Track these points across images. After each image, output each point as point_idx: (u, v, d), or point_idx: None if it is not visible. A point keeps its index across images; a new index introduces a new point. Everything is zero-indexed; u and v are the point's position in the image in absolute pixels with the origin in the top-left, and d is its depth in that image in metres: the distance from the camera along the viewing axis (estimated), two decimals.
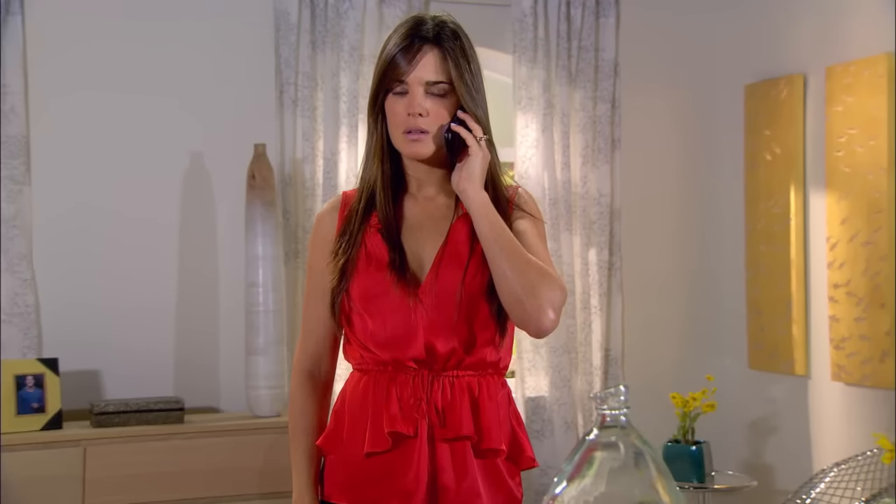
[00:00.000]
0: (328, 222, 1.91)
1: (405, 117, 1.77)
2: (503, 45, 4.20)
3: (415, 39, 1.78)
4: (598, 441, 1.12)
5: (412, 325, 1.80)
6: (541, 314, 1.70)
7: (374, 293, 1.81)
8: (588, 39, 4.25)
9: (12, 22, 3.58)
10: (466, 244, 1.84)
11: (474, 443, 1.81)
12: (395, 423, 1.79)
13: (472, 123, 1.79)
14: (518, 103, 4.16)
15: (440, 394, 1.79)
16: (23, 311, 3.54)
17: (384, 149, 1.83)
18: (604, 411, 1.13)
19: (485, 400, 1.82)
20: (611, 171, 4.27)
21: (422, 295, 1.80)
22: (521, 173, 4.15)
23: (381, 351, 1.82)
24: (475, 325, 1.81)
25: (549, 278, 1.72)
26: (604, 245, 4.24)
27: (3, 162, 3.55)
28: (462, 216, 1.85)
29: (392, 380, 1.81)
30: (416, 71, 1.77)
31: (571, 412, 4.13)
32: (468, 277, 1.80)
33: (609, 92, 4.27)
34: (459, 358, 1.81)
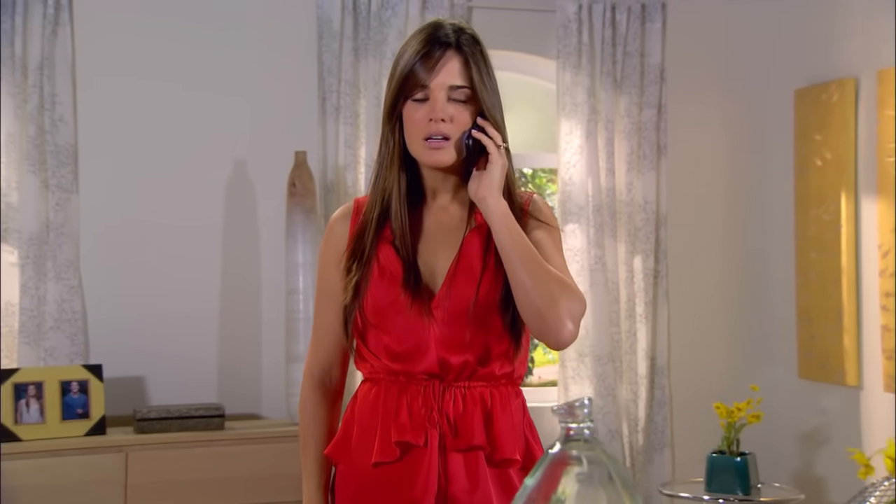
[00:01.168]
0: (340, 230, 1.86)
1: (426, 123, 1.71)
2: (547, 51, 4.14)
3: (436, 45, 1.73)
4: (561, 455, 1.08)
5: (424, 339, 1.75)
6: (560, 326, 1.65)
7: (387, 308, 1.76)
8: (633, 45, 4.17)
9: (62, 33, 3.61)
10: (479, 257, 1.78)
11: (487, 453, 1.75)
12: (404, 432, 1.73)
13: (492, 130, 1.73)
14: (562, 109, 4.10)
15: (452, 404, 1.75)
16: (70, 317, 3.55)
17: (401, 157, 1.77)
18: (567, 425, 1.08)
19: (497, 410, 1.76)
20: (657, 178, 4.18)
21: (435, 310, 1.75)
22: (565, 180, 4.08)
23: (393, 363, 1.78)
24: (489, 338, 1.76)
25: (570, 290, 1.67)
26: (649, 252, 4.15)
27: (52, 170, 3.57)
28: (475, 228, 1.79)
29: (403, 390, 1.76)
30: (440, 76, 1.71)
31: (616, 421, 4.05)
32: (481, 292, 1.75)
33: (655, 97, 4.19)
34: (472, 370, 1.76)
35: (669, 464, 4.21)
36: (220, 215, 3.75)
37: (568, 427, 1.08)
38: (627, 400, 4.12)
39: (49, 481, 3.15)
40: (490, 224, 1.72)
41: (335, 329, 1.85)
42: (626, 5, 4.13)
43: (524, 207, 1.82)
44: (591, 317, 4.03)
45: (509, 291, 1.73)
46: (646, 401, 4.15)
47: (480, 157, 1.74)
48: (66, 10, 3.61)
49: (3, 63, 3.52)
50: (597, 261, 4.04)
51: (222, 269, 3.75)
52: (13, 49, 3.53)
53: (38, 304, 3.53)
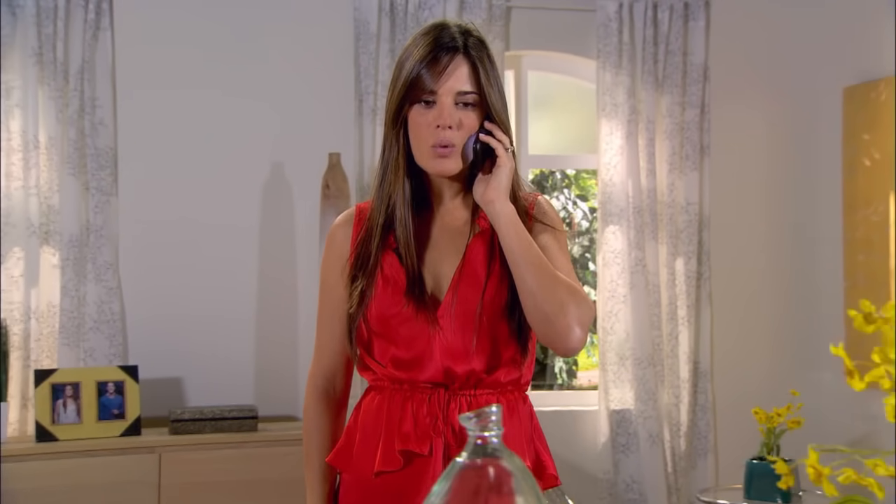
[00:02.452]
0: (342, 237, 1.79)
1: (433, 130, 1.64)
2: (587, 51, 4.04)
3: (443, 49, 1.65)
4: (470, 464, 1.03)
5: (429, 348, 1.69)
6: (569, 333, 1.59)
7: (392, 318, 1.69)
8: (676, 43, 4.06)
9: (102, 38, 3.61)
10: (484, 263, 1.71)
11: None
12: (408, 441, 1.67)
13: (500, 133, 1.67)
14: (602, 110, 4.00)
15: (457, 413, 1.68)
16: (109, 319, 3.55)
17: (406, 162, 1.68)
18: (474, 433, 1.04)
19: (504, 418, 1.70)
20: (699, 179, 4.07)
21: (440, 318, 1.69)
22: (605, 181, 3.98)
23: (398, 371, 1.71)
24: (495, 346, 1.70)
25: (579, 296, 1.61)
26: (692, 254, 4.03)
27: (92, 173, 3.57)
28: (479, 233, 1.73)
29: (408, 398, 1.70)
30: (448, 82, 1.64)
31: (657, 426, 3.94)
32: (487, 299, 1.69)
33: (698, 97, 4.07)
34: (478, 378, 1.71)
35: (713, 470, 4.09)
36: (256, 217, 3.72)
37: (474, 436, 1.04)
38: (669, 404, 4.01)
39: (84, 481, 3.14)
40: (497, 228, 1.65)
41: (339, 338, 1.79)
42: (668, 4, 4.02)
43: (529, 211, 1.75)
44: (632, 320, 3.93)
45: (515, 297, 1.67)
46: (688, 405, 4.04)
47: (486, 160, 1.67)
48: (106, 15, 3.61)
49: (45, 67, 3.53)
50: (637, 263, 3.93)
51: (259, 271, 3.72)
52: (55, 53, 3.54)
53: (77, 306, 3.53)
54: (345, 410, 1.88)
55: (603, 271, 4.01)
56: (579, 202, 6.14)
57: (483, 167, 1.67)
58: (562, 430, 4.00)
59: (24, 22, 3.53)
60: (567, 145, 4.53)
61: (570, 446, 3.96)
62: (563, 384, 6.06)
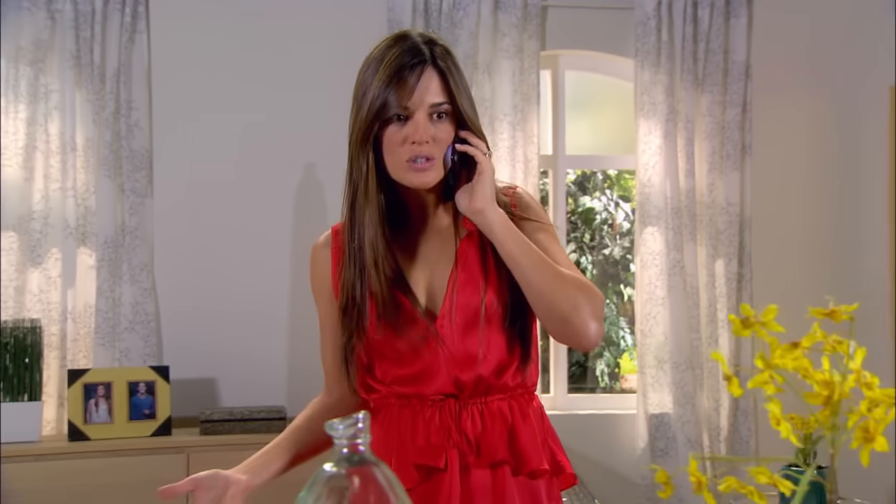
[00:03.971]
0: (322, 259, 1.71)
1: (409, 146, 1.55)
2: (625, 50, 3.93)
3: (411, 62, 1.56)
4: (335, 473, 0.99)
5: (435, 361, 1.61)
6: (587, 329, 1.53)
7: (390, 338, 1.61)
8: (716, 41, 3.92)
9: (138, 40, 3.60)
10: (479, 267, 1.64)
11: (513, 467, 1.61)
12: (423, 456, 1.60)
13: (475, 140, 1.59)
14: (640, 109, 3.88)
15: (470, 422, 1.61)
16: (143, 319, 3.53)
17: (378, 181, 1.59)
18: (340, 441, 0.99)
19: (518, 421, 1.63)
20: (740, 179, 3.92)
21: (440, 329, 1.61)
22: (644, 181, 3.87)
23: (404, 387, 1.63)
24: (500, 350, 1.63)
25: (589, 289, 1.55)
26: (732, 256, 3.89)
27: (127, 175, 3.56)
28: (466, 237, 1.65)
29: (417, 412, 1.63)
30: (419, 95, 1.55)
31: (696, 431, 3.81)
32: (487, 302, 1.61)
33: (739, 96, 3.93)
34: (487, 385, 1.62)
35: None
36: (289, 217, 3.68)
37: (341, 444, 0.99)
38: (709, 409, 3.88)
39: (114, 480, 3.11)
40: (492, 236, 1.57)
41: (338, 359, 1.70)
42: (708, 1, 3.89)
43: (512, 208, 1.66)
44: (670, 322, 3.81)
45: (514, 298, 1.61)
46: (728, 410, 3.90)
47: (463, 168, 1.60)
48: (142, 18, 3.59)
49: (82, 71, 3.53)
50: (675, 264, 3.81)
51: (292, 272, 3.67)
52: (92, 57, 3.53)
53: (113, 306, 3.51)
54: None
55: (641, 273, 3.89)
56: (621, 203, 6.01)
57: (462, 176, 1.60)
58: (601, 434, 3.90)
59: (62, 26, 3.52)
60: (605, 145, 4.42)
61: (609, 450, 3.86)
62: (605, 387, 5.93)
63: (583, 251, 5.93)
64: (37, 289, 3.48)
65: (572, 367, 5.68)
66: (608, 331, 5.80)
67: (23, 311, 3.45)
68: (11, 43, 3.49)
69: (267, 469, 1.63)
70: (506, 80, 3.77)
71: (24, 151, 3.49)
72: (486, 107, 3.76)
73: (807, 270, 4.00)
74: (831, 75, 4.02)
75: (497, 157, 3.76)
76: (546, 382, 4.05)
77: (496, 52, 3.79)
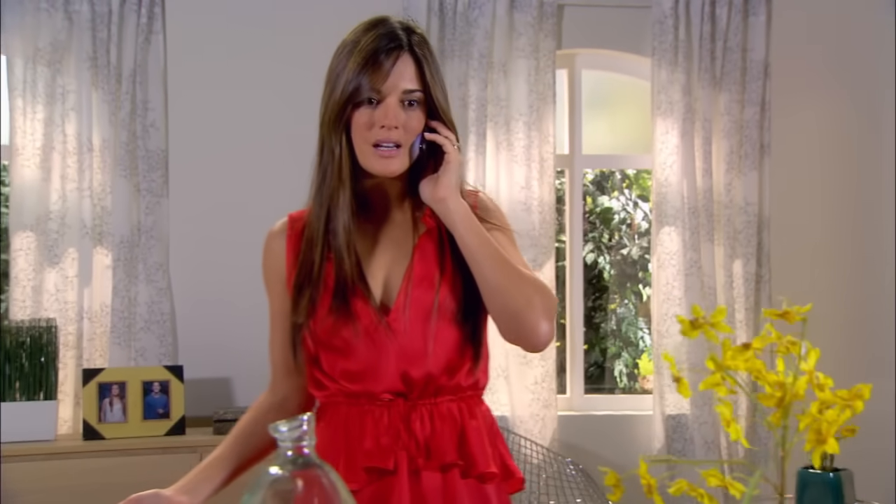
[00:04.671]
0: (277, 247, 1.67)
1: (377, 130, 1.54)
2: (641, 48, 3.89)
3: (388, 46, 1.55)
4: (279, 476, 0.97)
5: (384, 355, 1.57)
6: (538, 328, 1.51)
7: (339, 327, 1.57)
8: (734, 39, 3.87)
9: (155, 41, 3.60)
10: (435, 262, 1.61)
11: (462, 469, 1.58)
12: (371, 458, 1.56)
13: (445, 130, 1.58)
14: (657, 108, 3.84)
15: (419, 424, 1.58)
16: (159, 319, 3.53)
17: (350, 166, 1.57)
18: (284, 444, 0.97)
19: (468, 424, 1.60)
20: (759, 178, 3.87)
21: (392, 322, 1.57)
22: (660, 181, 3.82)
23: (352, 384, 1.59)
24: (451, 348, 1.59)
25: (544, 288, 1.53)
26: (750, 256, 3.84)
27: (143, 175, 3.56)
28: (426, 232, 1.62)
29: (365, 412, 1.59)
30: (393, 80, 1.54)
31: (713, 432, 3.77)
32: (441, 299, 1.58)
33: (758, 94, 3.88)
34: (437, 385, 1.59)
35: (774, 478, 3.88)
36: None
37: (284, 447, 0.97)
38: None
39: (128, 479, 3.10)
40: (452, 226, 1.55)
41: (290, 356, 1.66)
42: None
43: (473, 209, 1.62)
44: None
45: (469, 297, 1.58)
46: (747, 411, 3.85)
47: (430, 159, 1.59)
48: (158, 19, 3.59)
49: (99, 71, 3.53)
50: (692, 265, 3.77)
51: None
52: (108, 58, 3.53)
53: (128, 306, 3.51)
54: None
55: (658, 273, 3.85)
56: (640, 202, 5.96)
57: (428, 166, 1.59)
58: (617, 435, 3.86)
59: (79, 27, 3.53)
60: (623, 145, 4.37)
61: (625, 451, 3.81)
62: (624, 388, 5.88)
63: (601, 251, 5.89)
64: (53, 288, 3.49)
65: (590, 367, 5.64)
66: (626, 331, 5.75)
67: (40, 311, 3.46)
68: (29, 44, 3.49)
69: (209, 483, 1.59)
70: (521, 80, 3.74)
71: (41, 152, 3.49)
72: (501, 106, 3.73)
73: (826, 270, 3.94)
74: (851, 74, 3.96)
75: (512, 157, 3.73)
76: (562, 383, 4.01)
77: (512, 52, 3.76)
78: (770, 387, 1.00)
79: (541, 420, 3.70)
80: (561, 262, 4.03)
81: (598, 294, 5.92)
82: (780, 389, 0.99)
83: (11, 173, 3.50)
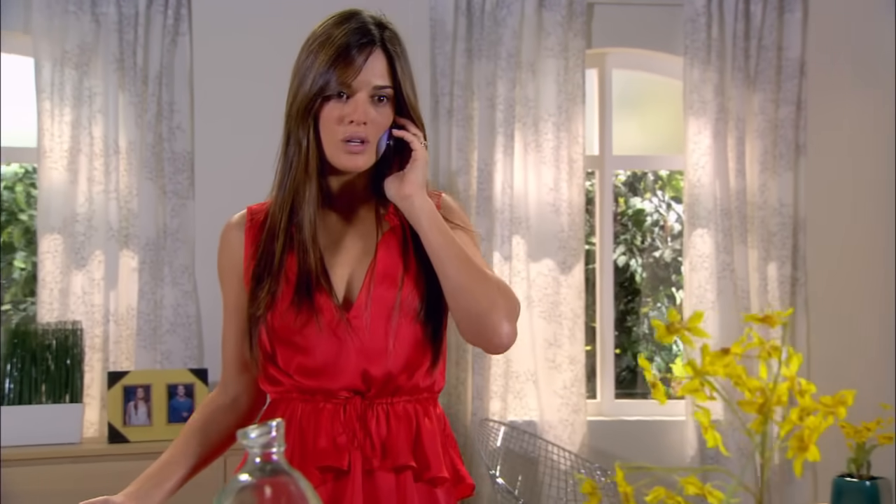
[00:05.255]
0: (235, 240, 1.65)
1: (346, 125, 1.53)
2: (673, 47, 3.82)
3: (359, 41, 1.54)
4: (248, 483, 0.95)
5: (344, 352, 1.55)
6: (500, 329, 1.50)
7: (299, 322, 1.55)
8: (769, 38, 3.79)
9: (181, 42, 3.58)
10: (398, 261, 1.59)
11: (416, 472, 1.57)
12: (326, 457, 1.54)
13: (414, 128, 1.58)
14: (689, 108, 3.77)
15: (375, 423, 1.56)
16: (184, 321, 3.51)
17: (317, 159, 1.56)
18: (252, 451, 0.95)
19: (424, 425, 1.59)
20: (794, 179, 3.79)
21: (353, 319, 1.56)
22: (693, 182, 3.75)
23: (309, 380, 1.56)
24: (411, 348, 1.58)
25: (507, 290, 1.53)
26: (786, 259, 3.76)
27: (169, 177, 3.55)
28: (389, 230, 1.61)
29: (320, 410, 1.56)
30: (364, 75, 1.53)
31: (746, 439, 3.68)
32: (403, 297, 1.57)
33: (793, 93, 3.80)
34: (396, 384, 1.57)
35: (811, 485, 3.80)
36: None
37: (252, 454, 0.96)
38: None
39: None
40: (417, 224, 1.54)
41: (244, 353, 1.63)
42: None
43: (436, 209, 1.60)
44: (719, 326, 3.68)
45: (432, 296, 1.58)
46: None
47: (397, 157, 1.57)
48: (185, 20, 3.58)
49: (125, 73, 3.52)
50: (724, 267, 3.69)
51: None
52: (135, 59, 3.52)
53: (154, 309, 3.50)
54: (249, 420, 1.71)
55: (690, 276, 3.77)
56: (673, 204, 5.86)
57: (394, 163, 1.57)
58: (649, 441, 3.79)
59: (106, 29, 3.52)
60: (655, 145, 4.30)
61: (658, 457, 3.74)
62: None
63: (632, 253, 5.80)
64: (80, 291, 3.48)
65: (622, 372, 5.56)
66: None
67: (67, 314, 3.45)
68: (57, 47, 3.49)
69: (159, 490, 1.57)
70: (550, 80, 3.69)
71: (68, 154, 3.49)
72: (529, 107, 3.68)
73: (863, 273, 3.84)
74: (890, 71, 3.86)
75: (541, 158, 3.67)
76: (593, 388, 3.95)
77: (540, 51, 3.70)
78: (750, 393, 0.95)
79: (570, 425, 3.63)
80: (591, 265, 3.96)
81: (630, 297, 5.84)
82: (761, 396, 0.94)
83: (39, 176, 3.50)
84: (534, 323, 3.64)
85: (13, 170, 5.49)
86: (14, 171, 5.51)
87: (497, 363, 3.62)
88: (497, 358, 3.61)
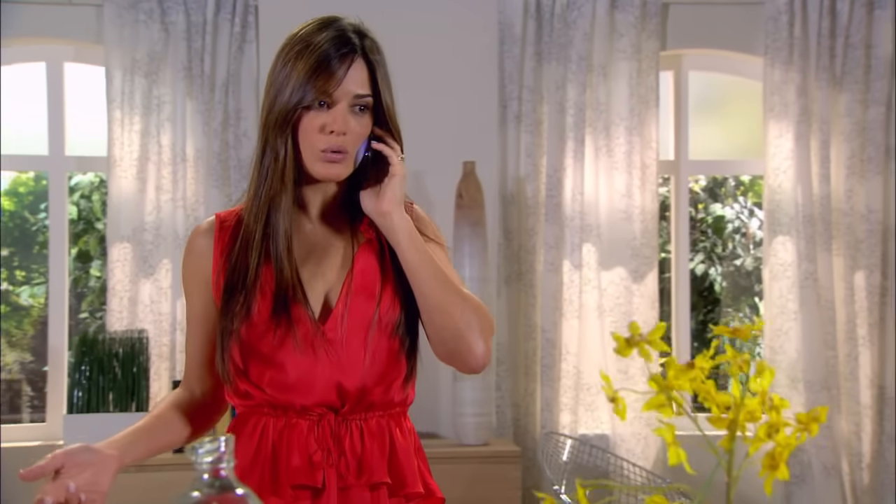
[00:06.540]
0: (204, 247, 1.59)
1: (325, 135, 1.50)
2: (753, 48, 3.68)
3: (340, 50, 1.50)
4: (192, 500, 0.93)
5: (319, 365, 1.51)
6: (476, 348, 1.49)
7: (277, 338, 1.51)
8: (857, 36, 3.62)
9: (248, 50, 3.57)
10: (376, 273, 1.56)
11: (391, 488, 1.54)
12: (300, 475, 1.50)
13: (392, 141, 1.54)
14: (770, 111, 3.61)
15: (349, 440, 1.53)
16: None
17: (294, 168, 1.51)
18: (201, 467, 0.93)
19: (398, 441, 1.56)
20: (884, 184, 3.61)
21: (328, 332, 1.52)
22: (773, 188, 3.59)
23: (282, 394, 1.51)
24: (386, 362, 1.54)
25: (482, 309, 1.52)
26: (874, 267, 3.57)
27: (235, 185, 3.54)
28: (366, 243, 1.57)
29: (293, 426, 1.52)
30: (344, 84, 1.49)
31: (833, 457, 3.50)
32: (382, 312, 1.54)
33: (883, 94, 3.62)
34: (370, 399, 1.54)
35: None
36: None
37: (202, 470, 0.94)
38: (848, 433, 3.56)
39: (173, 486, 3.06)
40: (395, 242, 1.51)
41: (209, 360, 1.59)
42: None
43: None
44: (801, 338, 3.52)
45: (407, 311, 1.55)
46: (871, 434, 3.57)
47: (372, 168, 1.53)
48: (252, 27, 3.57)
49: (193, 81, 3.53)
50: (807, 276, 3.52)
51: None
52: (203, 67, 3.52)
53: None
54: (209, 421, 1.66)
55: (771, 285, 3.61)
56: (756, 210, 5.66)
57: (371, 175, 1.53)
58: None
59: (175, 37, 3.53)
60: (736, 150, 4.14)
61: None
62: None
63: (712, 262, 5.62)
64: (148, 299, 3.49)
65: None
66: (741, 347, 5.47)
67: (135, 322, 3.46)
68: (127, 55, 3.51)
69: (135, 449, 1.54)
70: (622, 83, 3.57)
71: (137, 163, 3.50)
72: (601, 111, 3.57)
73: None
74: None
75: (612, 164, 3.56)
76: None
77: (612, 54, 3.59)
78: (717, 409, 0.93)
79: (643, 439, 3.51)
80: (666, 274, 3.83)
81: (709, 307, 5.65)
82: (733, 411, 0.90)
83: (109, 185, 3.52)
84: (605, 333, 3.53)
85: (89, 179, 5.59)
86: (90, 181, 5.60)
87: (567, 375, 3.52)
88: (567, 369, 3.51)
